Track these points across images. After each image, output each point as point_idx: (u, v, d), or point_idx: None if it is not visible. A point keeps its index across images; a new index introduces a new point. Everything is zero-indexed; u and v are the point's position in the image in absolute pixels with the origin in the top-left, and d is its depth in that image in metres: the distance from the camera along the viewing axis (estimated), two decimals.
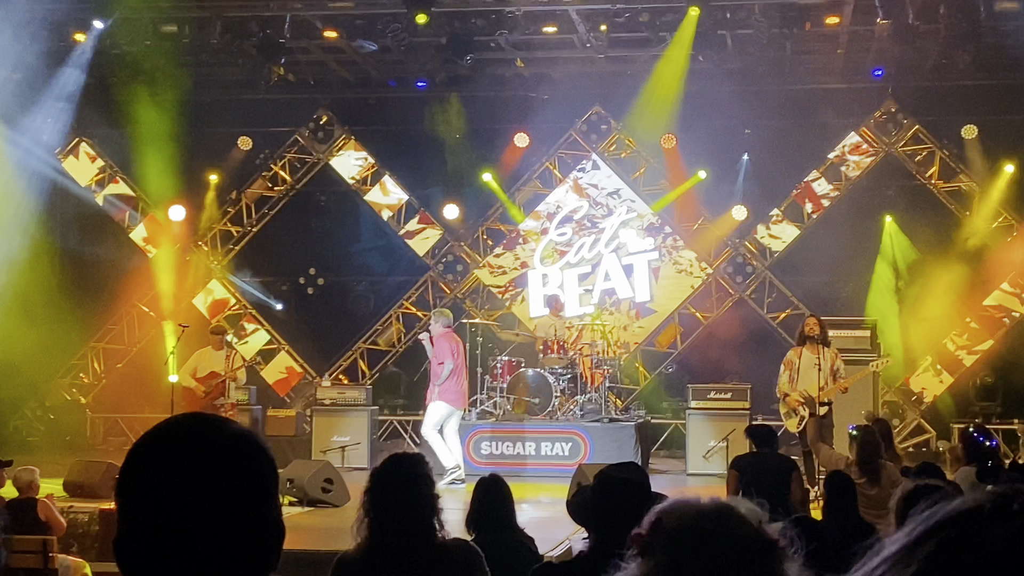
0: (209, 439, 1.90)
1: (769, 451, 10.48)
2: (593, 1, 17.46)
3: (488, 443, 16.75)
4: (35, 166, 20.04)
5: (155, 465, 1.86)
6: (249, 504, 1.88)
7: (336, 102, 21.62)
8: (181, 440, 1.90)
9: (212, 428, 1.92)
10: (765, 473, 9.93)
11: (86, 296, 20.75)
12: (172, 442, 1.90)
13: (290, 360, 21.51)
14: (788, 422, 13.69)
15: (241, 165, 21.72)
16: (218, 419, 1.97)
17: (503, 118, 20.36)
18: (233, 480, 1.86)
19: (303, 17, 18.07)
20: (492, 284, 21.15)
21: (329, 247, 21.63)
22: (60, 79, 19.22)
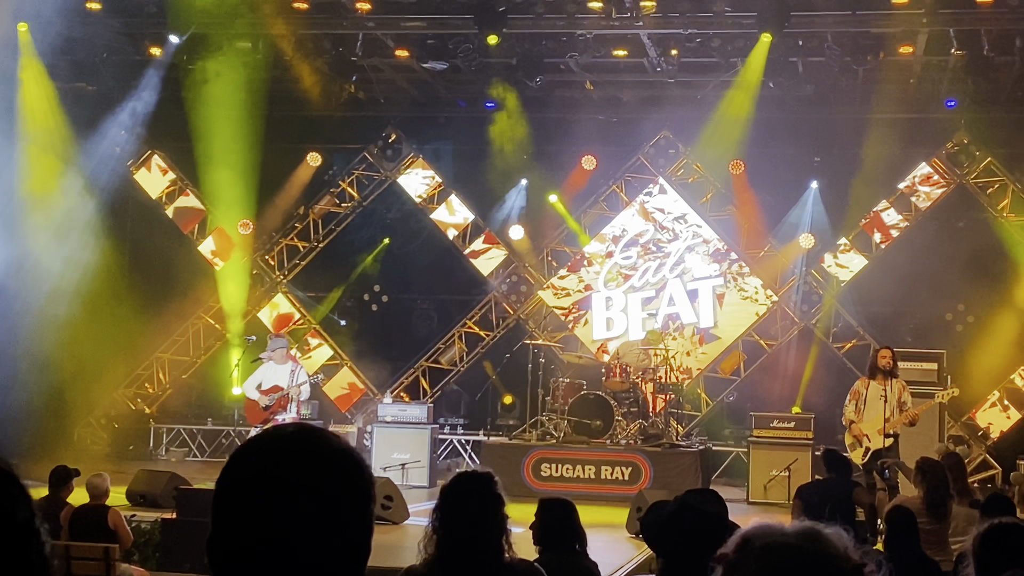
0: (312, 449, 1.91)
1: (835, 477, 10.37)
2: (665, 25, 17.45)
3: (548, 465, 16.70)
4: (107, 178, 20.30)
5: (256, 471, 1.88)
6: (345, 516, 1.89)
7: (405, 120, 21.73)
8: (284, 448, 1.91)
9: (315, 439, 1.93)
10: (828, 500, 9.83)
11: (153, 307, 20.97)
12: (275, 450, 1.91)
13: (352, 376, 21.59)
14: (853, 453, 13.53)
15: (310, 181, 21.89)
16: (321, 431, 1.98)
17: (571, 140, 20.35)
18: (332, 491, 1.87)
19: (375, 36, 18.21)
20: (555, 306, 21.12)
21: (394, 264, 21.72)
22: (135, 93, 19.48)
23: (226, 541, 1.88)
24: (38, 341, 18.44)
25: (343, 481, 1.91)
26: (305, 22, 17.81)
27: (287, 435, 1.96)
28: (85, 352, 19.22)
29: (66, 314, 18.62)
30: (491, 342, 21.34)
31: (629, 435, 16.97)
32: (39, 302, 18.44)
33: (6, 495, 1.41)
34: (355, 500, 1.92)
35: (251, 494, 1.87)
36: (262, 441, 1.96)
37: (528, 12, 17.20)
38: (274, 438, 1.96)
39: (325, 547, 1.86)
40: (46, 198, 18.93)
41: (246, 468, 1.91)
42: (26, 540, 1.42)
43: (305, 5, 17.30)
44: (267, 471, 1.88)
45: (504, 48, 17.68)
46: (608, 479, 16.53)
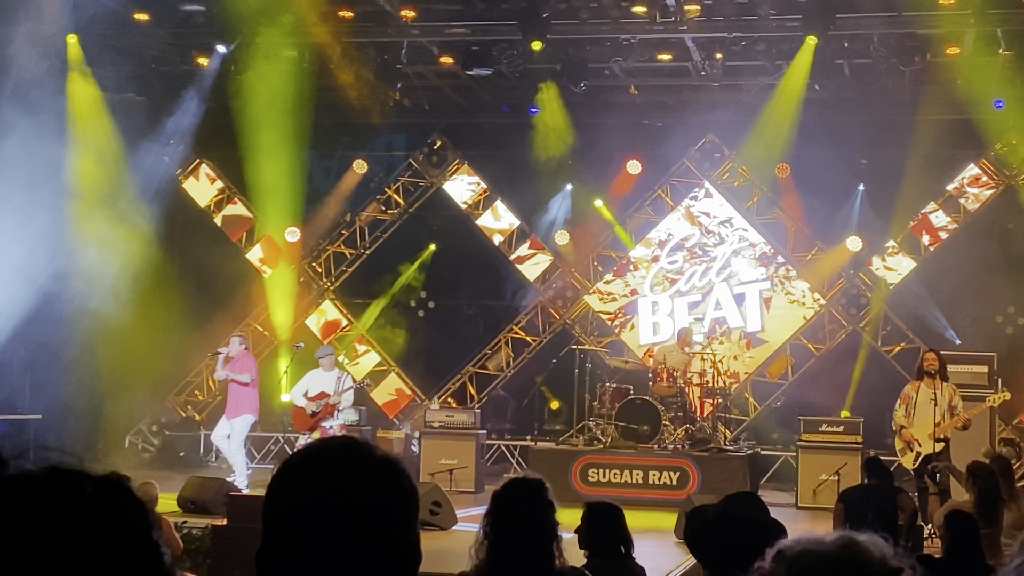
0: (357, 461, 1.94)
1: (879, 482, 10.31)
2: (709, 29, 17.41)
3: (595, 470, 16.70)
4: (156, 187, 20.49)
5: (304, 482, 1.91)
6: (392, 527, 1.91)
7: (450, 127, 21.81)
8: (331, 460, 1.94)
9: (360, 451, 1.96)
10: (872, 506, 9.77)
11: (202, 315, 21.14)
12: (322, 461, 1.95)
13: (399, 382, 21.67)
14: (904, 457, 13.44)
15: (356, 188, 22.00)
16: (367, 443, 2.02)
17: (616, 145, 20.33)
18: (379, 502, 1.90)
19: (420, 43, 18.28)
20: (601, 311, 21.12)
21: (440, 270, 21.79)
22: (183, 102, 19.66)
23: (276, 552, 1.91)
24: (89, 349, 18.65)
25: (389, 492, 1.93)
26: (350, 30, 17.90)
27: (333, 447, 1.99)
28: (136, 359, 19.42)
29: (117, 322, 18.81)
30: (537, 347, 21.36)
31: (677, 440, 16.93)
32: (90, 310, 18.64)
33: (120, 506, 1.43)
34: (401, 510, 1.94)
35: (299, 506, 1.90)
36: (309, 453, 1.99)
37: (572, 17, 17.22)
38: (320, 450, 1.99)
39: (373, 558, 1.88)
40: (96, 207, 19.13)
41: (294, 480, 1.95)
42: (143, 551, 1.45)
43: (350, 14, 17.40)
44: (314, 483, 1.91)
45: (548, 54, 17.70)
46: (656, 484, 16.50)
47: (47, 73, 17.49)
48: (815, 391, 19.43)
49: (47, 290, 17.80)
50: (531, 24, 16.88)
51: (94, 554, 1.37)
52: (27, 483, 1.41)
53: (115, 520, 1.41)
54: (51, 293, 17.94)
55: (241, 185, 21.79)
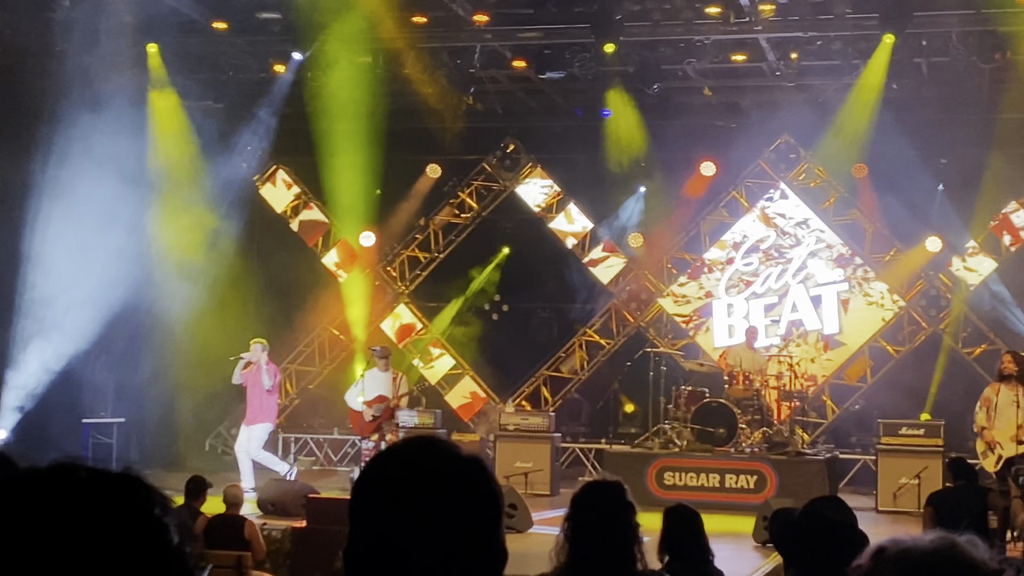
0: (443, 460, 1.95)
1: (966, 484, 10.17)
2: (784, 29, 17.28)
3: (671, 474, 16.63)
4: (234, 193, 20.74)
5: (389, 482, 1.93)
6: (479, 527, 1.93)
7: (523, 130, 21.84)
8: (417, 460, 1.96)
9: (446, 450, 1.98)
10: (961, 508, 9.64)
11: (279, 319, 21.37)
12: (407, 461, 1.96)
13: (474, 385, 21.74)
14: (985, 460, 13.26)
15: (429, 192, 22.11)
16: (451, 443, 2.03)
17: (689, 146, 20.24)
18: (465, 502, 1.92)
19: (493, 47, 18.32)
20: (676, 313, 21.03)
21: (514, 274, 21.83)
22: (260, 109, 19.89)
23: (363, 552, 1.93)
24: (170, 353, 18.92)
25: (474, 491, 1.95)
26: (424, 36, 17.99)
27: (418, 447, 2.01)
28: (215, 363, 19.65)
29: (196, 327, 19.07)
30: (612, 350, 21.32)
31: (753, 443, 16.82)
32: (171, 316, 18.92)
33: (136, 496, 1.43)
34: (486, 510, 1.96)
35: (384, 506, 1.92)
36: (394, 453, 2.01)
37: (645, 19, 17.17)
38: (405, 450, 2.01)
39: (460, 557, 1.90)
40: (176, 214, 19.41)
41: (379, 480, 1.96)
42: (157, 539, 1.43)
43: (424, 19, 17.49)
44: (400, 483, 1.93)
45: (621, 56, 17.66)
46: (733, 488, 16.39)
47: (128, 82, 17.79)
48: (894, 394, 19.19)
49: (129, 296, 18.10)
50: (604, 27, 16.86)
51: (83, 550, 1.35)
52: (23, 481, 1.40)
53: (112, 515, 1.39)
54: (133, 299, 18.24)
55: (317, 190, 21.99)
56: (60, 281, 17.43)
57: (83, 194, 17.43)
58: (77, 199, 17.44)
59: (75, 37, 16.86)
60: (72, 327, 17.48)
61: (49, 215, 17.54)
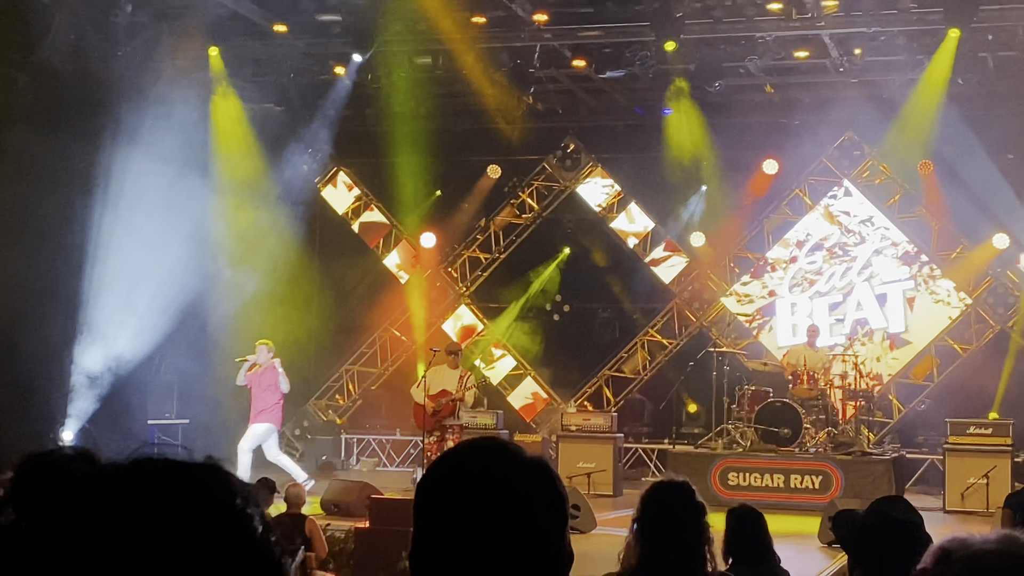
0: (507, 462, 1.93)
1: None
2: (847, 24, 17.08)
3: (735, 474, 16.51)
4: (296, 195, 20.88)
5: (455, 484, 1.91)
6: (545, 529, 1.90)
7: (583, 130, 21.79)
8: (482, 462, 1.93)
9: (509, 452, 1.96)
10: None
11: (341, 320, 21.51)
12: (472, 462, 1.94)
13: (536, 386, 21.71)
14: None
15: (490, 193, 22.12)
16: (516, 444, 2.01)
17: (752, 144, 20.08)
18: (530, 504, 1.89)
19: (553, 47, 18.28)
20: (739, 313, 20.87)
21: (575, 274, 21.77)
22: (320, 111, 19.99)
23: (428, 554, 1.91)
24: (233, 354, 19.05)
25: (540, 493, 1.92)
26: (483, 36, 17.98)
27: (483, 448, 1.99)
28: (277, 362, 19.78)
29: (260, 328, 19.18)
30: (674, 350, 21.21)
31: (818, 443, 16.66)
32: (234, 317, 19.05)
33: (216, 485, 1.40)
34: (552, 511, 1.93)
35: (449, 508, 1.90)
36: (458, 454, 1.99)
37: (706, 17, 17.05)
38: (470, 451, 1.99)
39: (526, 559, 1.87)
40: (239, 216, 19.55)
41: (444, 482, 1.94)
42: (242, 528, 1.39)
43: (483, 19, 17.48)
44: (465, 484, 1.91)
45: (682, 54, 17.55)
46: (798, 488, 16.24)
47: (190, 85, 17.95)
48: (962, 393, 18.93)
49: (193, 298, 18.26)
50: (664, 24, 16.76)
51: (174, 546, 1.33)
52: (108, 475, 1.38)
53: (206, 507, 1.36)
54: (196, 301, 18.39)
55: (378, 192, 22.09)
56: (125, 283, 17.61)
57: (147, 197, 17.61)
58: (141, 202, 17.62)
59: (138, 41, 17.03)
60: (137, 329, 17.66)
61: (114, 218, 17.73)
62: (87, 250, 17.76)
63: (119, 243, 17.57)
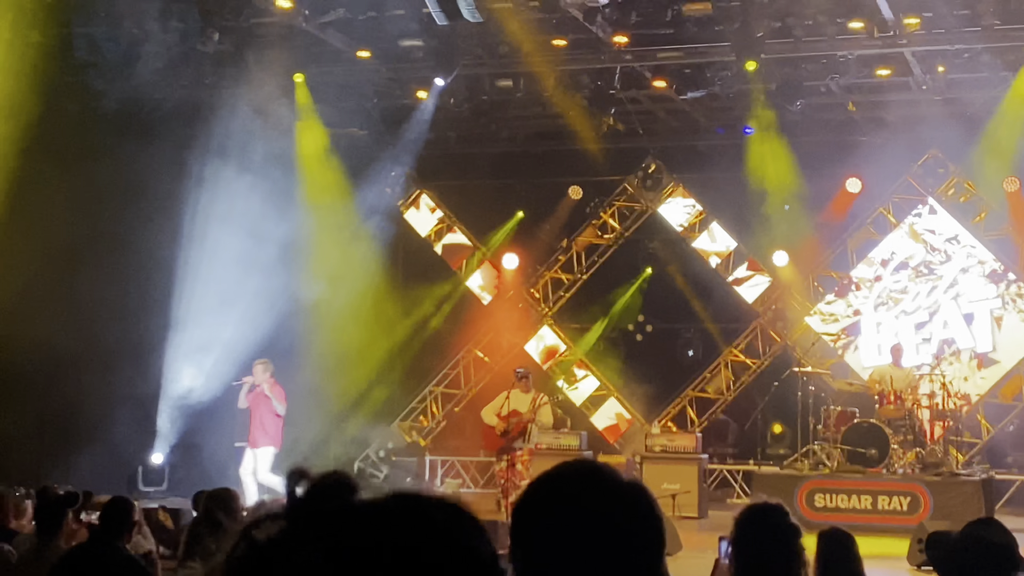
0: (604, 486, 1.95)
1: None
2: (930, 42, 16.91)
3: (822, 495, 16.34)
4: (380, 218, 21.09)
5: (550, 507, 1.93)
6: (643, 554, 1.92)
7: (664, 150, 21.76)
8: (577, 484, 1.96)
9: (607, 475, 1.98)
10: None
11: (425, 342, 21.65)
12: (569, 486, 1.96)
13: (619, 406, 21.68)
14: None
15: (572, 214, 22.16)
16: (609, 467, 2.03)
17: (834, 163, 19.93)
18: (627, 528, 1.91)
19: (633, 68, 18.31)
20: (823, 332, 20.69)
21: (657, 294, 21.73)
22: (403, 135, 20.18)
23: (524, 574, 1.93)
24: (318, 377, 19.26)
25: (636, 517, 1.94)
26: (564, 59, 18.06)
27: (579, 471, 2.00)
28: (362, 387, 20.00)
29: (345, 351, 19.40)
30: (758, 370, 21.07)
31: (906, 464, 16.45)
32: (319, 340, 19.27)
33: (466, 532, 1.40)
34: (649, 536, 1.95)
35: (545, 531, 1.92)
36: (555, 477, 2.00)
37: (787, 36, 16.96)
38: (566, 474, 2.00)
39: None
40: (323, 240, 19.80)
41: (539, 505, 1.96)
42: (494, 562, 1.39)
43: (563, 42, 17.56)
44: (561, 508, 1.93)
45: (763, 73, 17.49)
46: (885, 510, 16.04)
47: (276, 112, 18.23)
48: None
49: (280, 320, 18.50)
50: (745, 44, 16.71)
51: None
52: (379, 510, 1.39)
53: (464, 546, 1.38)
54: (283, 323, 18.63)
55: (460, 213, 22.23)
56: (213, 305, 17.91)
57: (234, 221, 17.91)
58: (229, 226, 17.93)
59: (224, 69, 17.35)
60: (224, 351, 17.92)
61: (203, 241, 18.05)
62: (176, 273, 18.10)
63: (208, 266, 17.88)
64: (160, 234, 17.89)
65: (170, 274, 18.20)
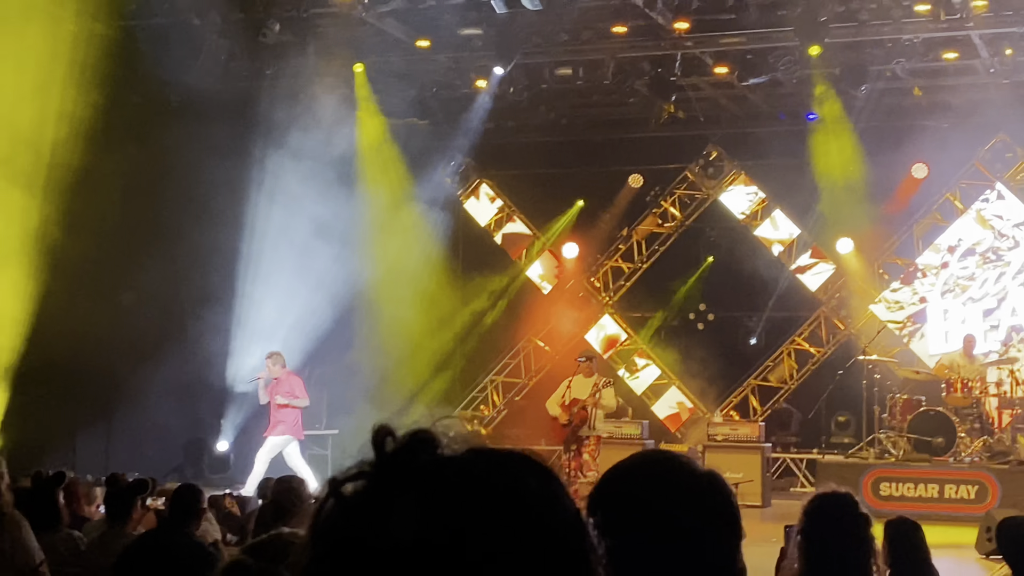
0: (680, 477, 1.93)
1: None
2: (997, 24, 16.65)
3: (888, 484, 16.19)
4: (440, 208, 21.13)
5: (627, 500, 1.91)
6: (719, 544, 1.90)
7: (725, 137, 21.59)
8: (654, 476, 1.94)
9: (683, 466, 1.96)
10: None
11: (485, 331, 21.67)
12: (645, 477, 1.94)
13: (680, 395, 21.57)
14: None
15: (632, 202, 22.06)
16: (686, 458, 2.01)
17: (900, 149, 19.67)
18: (706, 519, 1.88)
19: (694, 55, 18.18)
20: (889, 320, 20.44)
21: (719, 282, 21.58)
22: (462, 124, 20.19)
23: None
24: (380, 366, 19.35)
25: (713, 507, 1.91)
26: (624, 46, 17.97)
27: (654, 461, 1.99)
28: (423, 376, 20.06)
29: (406, 340, 19.46)
30: (822, 359, 20.88)
31: (973, 452, 16.25)
32: (381, 329, 19.35)
33: (551, 480, 1.36)
34: (725, 525, 1.92)
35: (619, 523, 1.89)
36: (629, 468, 1.99)
37: (851, 20, 16.76)
38: (642, 464, 1.99)
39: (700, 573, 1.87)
40: (384, 230, 19.87)
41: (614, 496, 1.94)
42: (576, 537, 1.36)
43: (624, 29, 17.48)
44: (637, 498, 1.91)
45: (826, 58, 17.31)
46: (952, 498, 15.86)
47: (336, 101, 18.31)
48: None
49: (341, 310, 18.61)
50: (808, 29, 16.54)
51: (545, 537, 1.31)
52: (466, 461, 1.36)
53: (552, 492, 1.35)
54: (345, 313, 18.74)
55: (520, 203, 22.21)
56: (276, 295, 18.03)
57: (296, 212, 18.02)
58: (291, 217, 18.04)
59: (285, 60, 17.43)
60: (287, 340, 18.04)
61: (265, 232, 18.18)
62: (240, 263, 18.24)
63: (271, 256, 18.00)
64: (221, 224, 18.03)
65: (231, 264, 18.35)
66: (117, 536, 7.39)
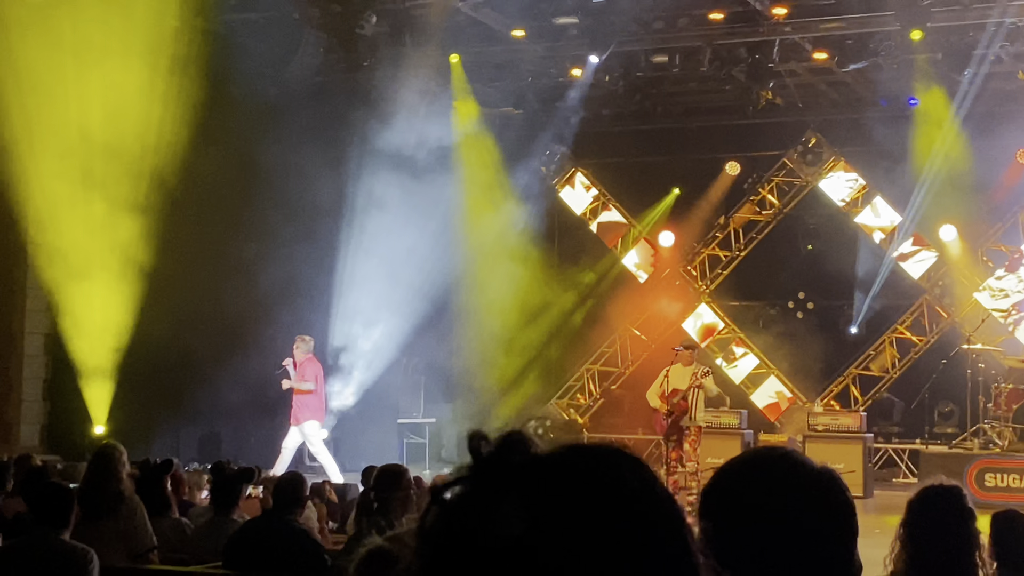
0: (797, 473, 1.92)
1: None
2: None
3: (992, 475, 15.91)
4: (535, 197, 21.15)
5: (743, 496, 1.90)
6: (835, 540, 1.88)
7: (825, 123, 21.31)
8: (769, 472, 1.93)
9: (797, 463, 1.94)
10: None
11: (582, 320, 21.65)
12: (760, 473, 1.93)
13: (780, 385, 21.36)
14: None
15: (729, 190, 21.88)
16: (800, 454, 2.00)
17: (1004, 134, 19.25)
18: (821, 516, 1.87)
19: (792, 40, 17.98)
20: (993, 308, 20.05)
21: (818, 270, 21.32)
22: (558, 113, 20.19)
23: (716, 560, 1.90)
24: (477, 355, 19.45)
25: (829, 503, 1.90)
26: (721, 32, 17.83)
27: (769, 457, 1.98)
28: (520, 365, 20.12)
29: (502, 329, 19.53)
30: (925, 348, 20.55)
31: None
32: (477, 319, 19.44)
33: (645, 471, 1.38)
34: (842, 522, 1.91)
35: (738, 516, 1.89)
36: (744, 463, 1.98)
37: (954, 4, 16.46)
38: (757, 460, 1.98)
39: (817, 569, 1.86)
40: (480, 219, 19.95)
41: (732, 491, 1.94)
42: (674, 524, 1.37)
43: (721, 15, 17.34)
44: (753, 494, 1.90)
45: (928, 42, 16.99)
46: None
47: (432, 92, 18.41)
48: None
49: (439, 300, 18.72)
50: (910, 13, 16.28)
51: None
52: (562, 459, 1.37)
53: (648, 481, 1.36)
54: (442, 302, 18.85)
55: (616, 191, 22.15)
56: (374, 285, 18.18)
57: (393, 201, 18.15)
58: (388, 207, 18.17)
59: (382, 51, 17.55)
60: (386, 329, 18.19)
61: (363, 222, 18.34)
62: (338, 252, 18.42)
63: (368, 246, 18.16)
64: (320, 215, 18.21)
65: (331, 252, 18.53)
66: (223, 523, 7.53)
